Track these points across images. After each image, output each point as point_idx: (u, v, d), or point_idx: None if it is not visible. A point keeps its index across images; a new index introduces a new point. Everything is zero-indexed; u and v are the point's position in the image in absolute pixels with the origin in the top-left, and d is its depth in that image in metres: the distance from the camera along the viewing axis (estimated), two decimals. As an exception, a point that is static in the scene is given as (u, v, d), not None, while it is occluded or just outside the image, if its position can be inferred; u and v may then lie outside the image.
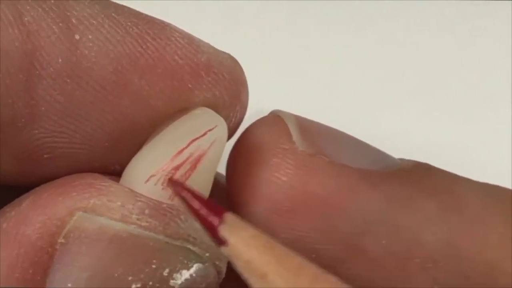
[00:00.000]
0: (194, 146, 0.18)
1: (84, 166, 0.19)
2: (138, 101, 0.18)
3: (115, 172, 0.19)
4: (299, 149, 0.18)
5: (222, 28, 0.41)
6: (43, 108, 0.17)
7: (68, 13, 0.17)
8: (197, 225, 0.17)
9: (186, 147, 0.18)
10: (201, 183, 0.18)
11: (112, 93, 0.18)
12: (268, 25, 0.42)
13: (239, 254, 0.16)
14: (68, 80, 0.17)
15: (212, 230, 0.16)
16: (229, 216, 0.16)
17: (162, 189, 0.18)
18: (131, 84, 0.18)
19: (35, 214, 0.18)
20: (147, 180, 0.18)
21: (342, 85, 0.41)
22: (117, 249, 0.17)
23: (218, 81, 0.18)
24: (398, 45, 0.42)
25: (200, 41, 0.18)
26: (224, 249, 0.16)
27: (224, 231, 0.16)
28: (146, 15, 0.18)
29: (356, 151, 0.20)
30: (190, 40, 0.18)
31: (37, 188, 0.18)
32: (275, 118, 0.19)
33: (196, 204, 0.16)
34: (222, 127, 0.19)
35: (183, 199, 0.17)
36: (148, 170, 0.18)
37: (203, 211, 0.16)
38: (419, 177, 0.19)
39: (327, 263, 0.18)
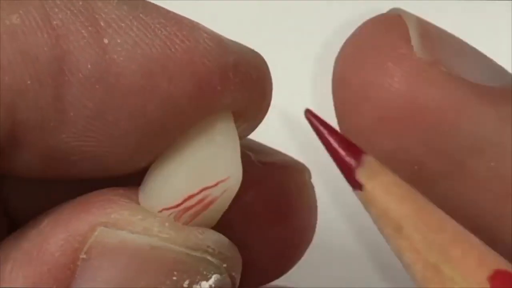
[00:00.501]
0: (204, 193, 0.18)
1: (111, 166, 0.19)
2: (166, 104, 0.18)
3: (143, 170, 0.19)
4: (417, 56, 0.18)
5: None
6: (71, 114, 0.17)
7: (97, 16, 0.17)
8: (214, 236, 0.18)
9: (197, 194, 0.18)
10: (208, 221, 0.19)
11: (140, 97, 0.17)
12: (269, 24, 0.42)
13: (375, 201, 0.15)
14: (97, 86, 0.17)
15: (348, 172, 0.15)
16: (368, 159, 0.15)
17: (175, 220, 0.19)
18: (159, 88, 0.17)
19: (57, 232, 0.18)
20: (160, 211, 0.19)
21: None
22: (139, 263, 0.17)
23: (245, 82, 0.18)
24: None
25: (228, 41, 0.18)
26: (359, 194, 0.15)
27: (361, 175, 0.15)
28: (174, 14, 0.18)
29: (476, 63, 0.19)
30: (219, 41, 0.18)
31: (56, 207, 0.19)
32: (396, 18, 0.19)
33: (334, 142, 0.16)
34: (234, 178, 0.19)
35: (320, 134, 0.16)
36: (159, 204, 0.19)
37: (341, 151, 0.15)
38: None
39: (430, 177, 0.18)
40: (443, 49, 0.18)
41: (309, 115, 0.16)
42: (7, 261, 0.18)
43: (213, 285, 0.18)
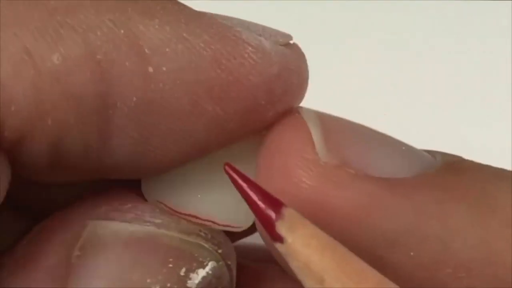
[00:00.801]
0: (208, 223, 0.18)
1: (143, 174, 0.18)
2: (212, 126, 0.17)
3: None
4: (322, 160, 0.17)
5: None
6: (115, 142, 0.17)
7: (141, 42, 0.16)
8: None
9: (202, 219, 0.18)
10: None
11: (186, 122, 0.17)
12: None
13: (296, 254, 0.15)
14: (142, 117, 0.17)
15: (268, 225, 0.15)
16: (288, 211, 0.15)
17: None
18: (206, 111, 0.17)
19: (50, 232, 0.18)
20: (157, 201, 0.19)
21: (347, 84, 0.41)
22: (134, 251, 0.17)
23: (287, 91, 0.18)
24: (397, 45, 0.42)
25: (271, 48, 0.18)
26: (279, 247, 0.15)
27: (281, 228, 0.15)
28: (218, 26, 0.17)
29: (385, 154, 0.18)
30: (262, 53, 0.17)
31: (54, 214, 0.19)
32: (298, 121, 0.18)
33: (253, 195, 0.15)
34: (243, 227, 0.19)
35: (239, 188, 0.16)
36: (160, 198, 0.19)
37: (261, 204, 0.15)
38: (450, 178, 0.18)
39: None
40: (348, 145, 0.18)
41: (228, 168, 0.16)
42: (2, 267, 0.18)
43: (210, 272, 0.17)
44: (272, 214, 0.15)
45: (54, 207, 0.19)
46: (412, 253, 0.17)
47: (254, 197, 0.15)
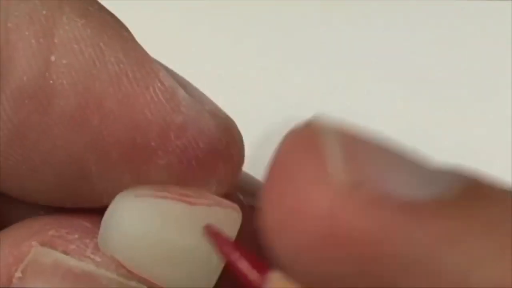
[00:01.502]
0: None
1: (36, 196, 0.18)
2: (92, 144, 0.17)
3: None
4: (338, 179, 0.16)
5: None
6: None
7: (55, 30, 0.16)
8: None
9: None
10: None
11: (67, 128, 0.16)
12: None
13: None
14: (27, 102, 0.16)
15: None
16: (274, 275, 0.15)
17: None
18: (89, 124, 0.16)
19: None
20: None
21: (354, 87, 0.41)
22: (70, 286, 0.17)
23: (188, 148, 0.17)
24: (397, 45, 0.42)
25: (185, 99, 0.17)
26: None
27: None
28: (142, 53, 0.17)
29: (404, 175, 0.17)
30: (171, 95, 0.17)
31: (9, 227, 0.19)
32: (313, 136, 0.17)
33: (238, 261, 0.15)
34: None
35: (223, 252, 0.15)
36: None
37: (247, 269, 0.15)
38: (470, 205, 0.17)
39: None
40: (368, 164, 0.17)
41: (209, 231, 0.16)
42: None
43: None
44: (259, 279, 0.15)
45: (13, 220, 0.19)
46: (424, 283, 0.16)
47: (239, 262, 0.15)
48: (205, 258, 0.17)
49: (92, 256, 0.17)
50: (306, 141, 0.17)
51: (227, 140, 0.17)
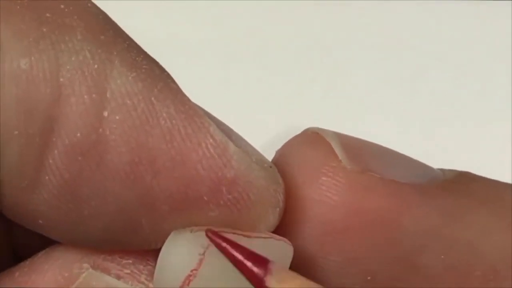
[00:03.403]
0: None
1: (83, 244, 0.18)
2: (144, 199, 0.16)
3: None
4: (348, 167, 0.18)
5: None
6: (47, 177, 0.16)
7: (106, 85, 0.16)
8: None
9: None
10: None
11: (119, 184, 0.16)
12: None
13: None
14: (80, 158, 0.16)
15: (257, 282, 0.15)
16: (275, 266, 0.16)
17: None
18: (142, 180, 0.16)
19: (46, 264, 0.18)
20: None
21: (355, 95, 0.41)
22: None
23: (239, 200, 0.17)
24: (397, 45, 0.42)
25: (236, 152, 0.17)
26: None
27: (271, 282, 0.15)
28: (191, 106, 0.17)
29: (401, 166, 0.19)
30: (223, 151, 0.17)
31: (57, 244, 0.18)
32: (315, 136, 0.18)
33: (239, 256, 0.16)
34: None
35: (224, 251, 0.16)
36: None
37: (248, 263, 0.16)
38: (467, 186, 0.19)
39: (383, 284, 0.18)
40: (367, 157, 0.18)
41: (210, 234, 0.16)
42: None
43: None
44: (260, 271, 0.16)
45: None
46: (442, 257, 0.17)
47: (239, 257, 0.16)
48: None
49: (146, 282, 0.17)
50: (311, 141, 0.18)
51: (274, 188, 0.18)
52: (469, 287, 0.18)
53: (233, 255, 0.16)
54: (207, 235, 0.16)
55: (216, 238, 0.16)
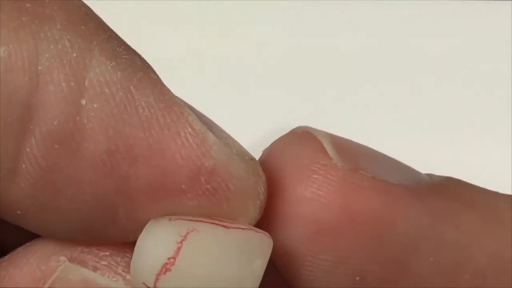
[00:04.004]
0: None
1: (59, 234, 0.18)
2: (121, 188, 0.16)
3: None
4: (339, 165, 0.18)
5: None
6: (23, 166, 0.16)
7: (85, 74, 0.16)
8: None
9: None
10: None
11: (96, 173, 0.16)
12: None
13: None
14: (57, 146, 0.16)
15: None
16: None
17: None
18: (119, 168, 0.16)
19: (24, 258, 0.18)
20: None
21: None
22: None
23: (218, 191, 0.17)
24: (397, 46, 0.42)
25: (215, 143, 0.17)
26: None
27: None
28: (171, 97, 0.17)
29: (390, 168, 0.19)
30: (202, 140, 0.17)
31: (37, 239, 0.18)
32: (305, 134, 0.18)
33: None
34: None
35: None
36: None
37: None
38: (455, 190, 0.19)
39: (372, 285, 0.18)
40: (358, 157, 0.18)
41: None
42: None
43: None
44: None
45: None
46: (432, 259, 0.17)
47: None
48: (238, 283, 0.17)
49: (123, 273, 0.17)
50: (301, 139, 0.18)
51: (255, 180, 0.17)
52: None
53: None
54: None
55: None
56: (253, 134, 0.33)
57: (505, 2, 0.41)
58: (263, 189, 0.18)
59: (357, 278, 0.17)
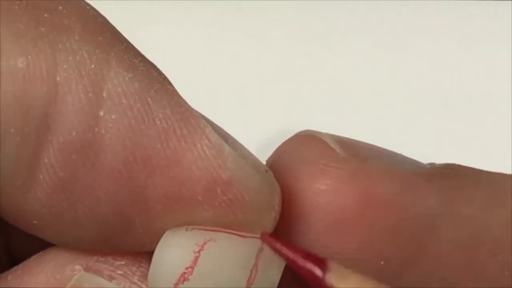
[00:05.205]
0: None
1: (76, 244, 0.18)
2: (137, 198, 0.17)
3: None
4: (347, 158, 0.18)
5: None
6: (41, 176, 0.16)
7: (103, 85, 0.16)
8: None
9: None
10: None
11: (113, 183, 0.16)
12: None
13: None
14: (74, 157, 0.16)
15: (318, 281, 0.16)
16: (333, 264, 0.16)
17: None
18: (136, 179, 0.16)
19: (39, 266, 0.18)
20: None
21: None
22: None
23: (234, 202, 0.17)
24: (397, 46, 0.42)
25: (231, 154, 0.17)
26: None
27: (331, 280, 0.16)
28: (188, 108, 0.17)
29: (395, 159, 0.19)
30: (218, 152, 0.17)
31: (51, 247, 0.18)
32: (310, 136, 0.19)
33: (299, 259, 0.16)
34: None
35: (280, 252, 0.16)
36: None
37: (307, 264, 0.16)
38: (461, 171, 0.19)
39: (396, 269, 0.18)
40: (363, 151, 0.19)
41: (266, 238, 0.17)
42: None
43: None
44: (319, 270, 0.16)
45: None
46: (450, 235, 0.18)
47: (300, 261, 0.16)
48: None
49: (139, 283, 0.17)
50: (307, 140, 0.19)
51: (270, 192, 0.18)
52: (478, 262, 0.18)
53: (290, 257, 0.16)
54: (263, 239, 0.17)
55: (273, 241, 0.17)
56: (253, 139, 0.33)
57: (505, 2, 0.41)
58: (277, 200, 0.18)
59: (382, 263, 0.18)
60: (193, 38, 0.42)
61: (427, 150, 0.41)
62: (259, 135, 0.36)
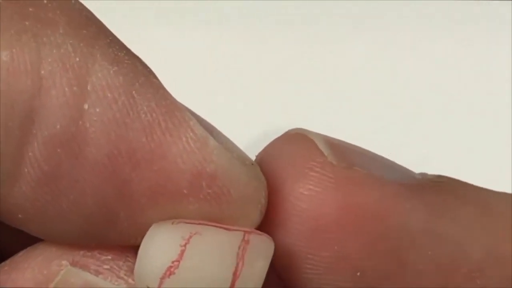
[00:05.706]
0: None
1: (60, 237, 0.18)
2: (122, 192, 0.17)
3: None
4: (334, 162, 0.18)
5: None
6: (26, 170, 0.16)
7: (88, 78, 0.16)
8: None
9: None
10: None
11: (98, 176, 0.16)
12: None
13: None
14: (59, 150, 0.16)
15: None
16: None
17: None
18: (121, 172, 0.16)
19: (26, 262, 0.18)
20: None
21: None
22: None
23: (219, 195, 0.17)
24: (397, 46, 0.42)
25: (216, 147, 0.17)
26: None
27: None
28: (173, 101, 0.17)
29: (384, 166, 0.19)
30: (203, 145, 0.17)
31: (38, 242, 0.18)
32: (299, 135, 0.19)
33: None
34: None
35: None
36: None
37: None
38: (449, 186, 0.19)
39: (372, 282, 0.18)
40: (352, 156, 0.18)
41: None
42: None
43: None
44: None
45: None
46: (429, 253, 0.18)
47: None
48: (241, 284, 0.17)
49: (125, 277, 0.17)
50: (295, 140, 0.18)
51: (255, 185, 0.18)
52: (455, 284, 0.18)
53: None
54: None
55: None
56: (245, 136, 0.33)
57: (505, 2, 0.41)
58: (264, 193, 0.18)
59: (358, 274, 0.18)
60: (193, 38, 0.42)
61: (427, 150, 0.41)
62: (259, 135, 0.36)
